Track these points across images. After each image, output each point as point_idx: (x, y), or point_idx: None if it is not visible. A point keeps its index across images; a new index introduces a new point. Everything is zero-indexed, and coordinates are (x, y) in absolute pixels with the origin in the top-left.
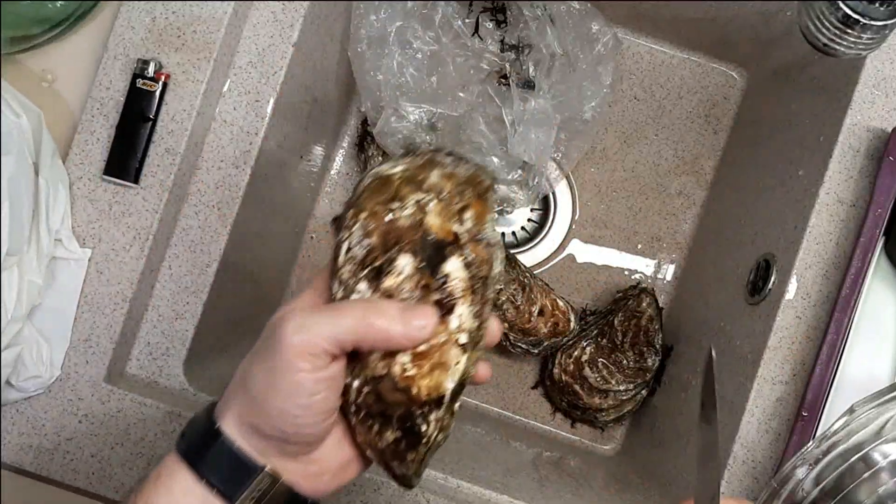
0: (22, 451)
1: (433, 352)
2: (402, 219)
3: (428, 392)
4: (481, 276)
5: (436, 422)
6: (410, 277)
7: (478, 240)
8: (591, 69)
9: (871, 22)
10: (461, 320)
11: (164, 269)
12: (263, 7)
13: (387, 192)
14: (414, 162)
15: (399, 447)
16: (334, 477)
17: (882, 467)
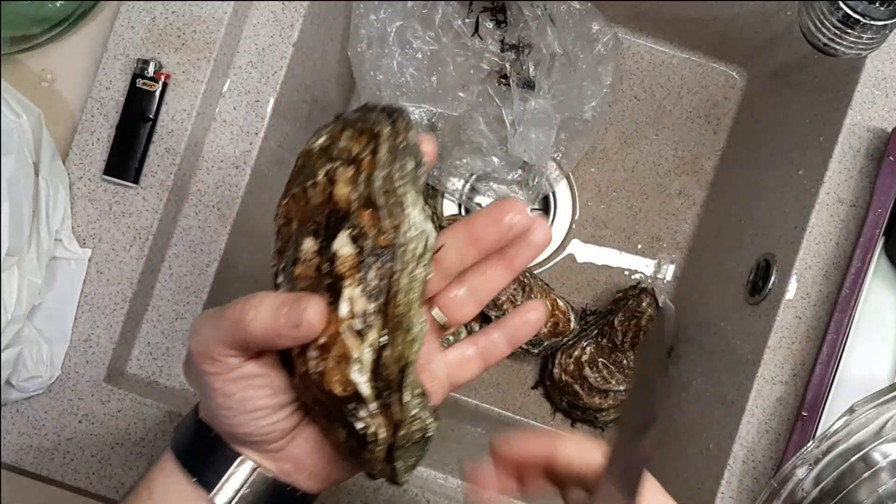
0: (22, 450)
1: (330, 344)
2: (314, 196)
3: (342, 388)
4: (379, 248)
5: (371, 417)
6: (310, 262)
7: (368, 204)
8: (592, 69)
9: (871, 22)
10: (351, 304)
11: (165, 269)
12: (263, 7)
13: (307, 170)
14: (334, 129)
15: (353, 446)
16: (312, 476)
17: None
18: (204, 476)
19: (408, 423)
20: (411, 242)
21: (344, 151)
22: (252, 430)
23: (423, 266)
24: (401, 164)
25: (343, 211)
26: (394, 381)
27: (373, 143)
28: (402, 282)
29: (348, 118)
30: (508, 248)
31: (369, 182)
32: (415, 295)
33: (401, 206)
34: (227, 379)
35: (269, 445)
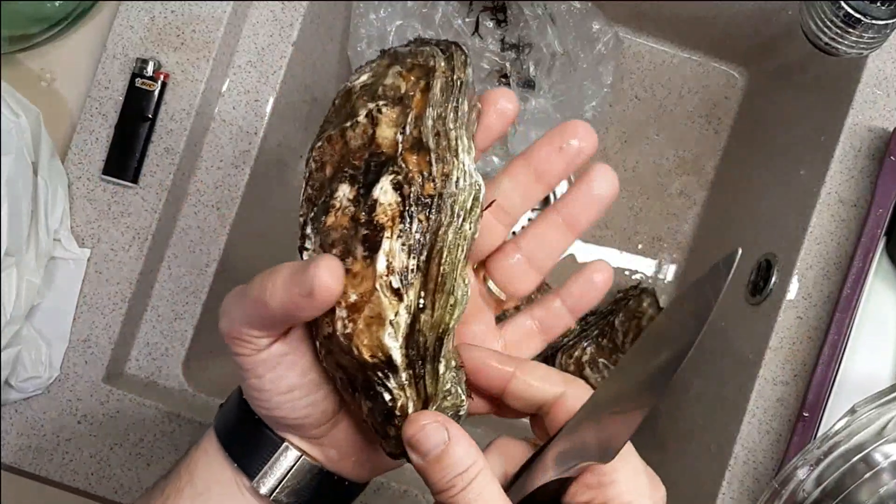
0: (21, 451)
1: (363, 303)
2: (354, 138)
3: (371, 353)
4: (425, 196)
5: (400, 388)
6: (345, 210)
7: (417, 146)
8: (592, 69)
9: (872, 21)
10: (389, 258)
11: (164, 269)
12: (263, 6)
13: (346, 110)
14: (381, 64)
15: (377, 419)
16: (359, 463)
17: (883, 468)
18: (247, 462)
19: (440, 398)
20: (461, 193)
21: (390, 89)
22: (287, 412)
23: (471, 222)
24: (455, 104)
25: (387, 155)
26: (429, 350)
27: (424, 80)
28: (449, 237)
29: (398, 52)
30: (568, 203)
31: (419, 122)
32: (461, 254)
33: (453, 151)
34: (255, 360)
35: (310, 431)
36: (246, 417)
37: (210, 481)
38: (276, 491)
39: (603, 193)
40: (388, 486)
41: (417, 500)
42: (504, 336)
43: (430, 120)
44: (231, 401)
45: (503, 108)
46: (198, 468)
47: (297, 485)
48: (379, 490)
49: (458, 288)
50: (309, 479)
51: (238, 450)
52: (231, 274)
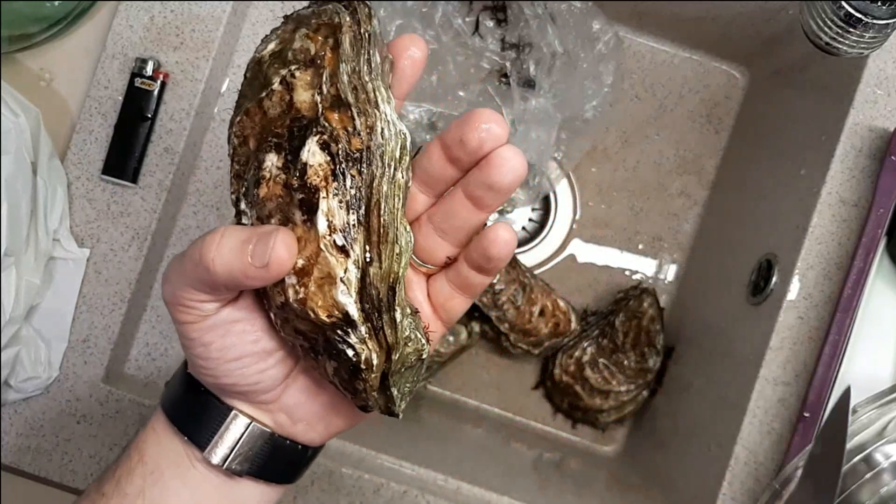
0: (20, 451)
1: (310, 267)
2: (272, 107)
3: (327, 313)
4: (354, 151)
5: (362, 342)
6: (276, 179)
7: (338, 103)
8: (593, 68)
9: (873, 21)
10: (329, 218)
11: (163, 269)
12: (262, 6)
13: (258, 81)
14: (286, 30)
15: (344, 377)
16: (311, 427)
17: (884, 468)
18: (196, 434)
19: (401, 345)
20: (388, 143)
21: (300, 52)
22: (236, 380)
23: (402, 171)
24: (367, 56)
25: (308, 118)
26: (383, 301)
27: (332, 38)
28: (383, 189)
29: (301, 14)
30: (470, 184)
31: (334, 79)
32: (398, 203)
33: (373, 102)
34: (202, 327)
35: (259, 396)
36: (191, 389)
37: (160, 458)
38: (229, 460)
39: (500, 181)
40: (388, 487)
41: (417, 500)
42: (431, 298)
43: (344, 75)
44: (176, 376)
45: (412, 54)
46: (147, 447)
47: (249, 452)
48: (378, 490)
49: (401, 236)
50: (261, 446)
51: (186, 423)
52: None
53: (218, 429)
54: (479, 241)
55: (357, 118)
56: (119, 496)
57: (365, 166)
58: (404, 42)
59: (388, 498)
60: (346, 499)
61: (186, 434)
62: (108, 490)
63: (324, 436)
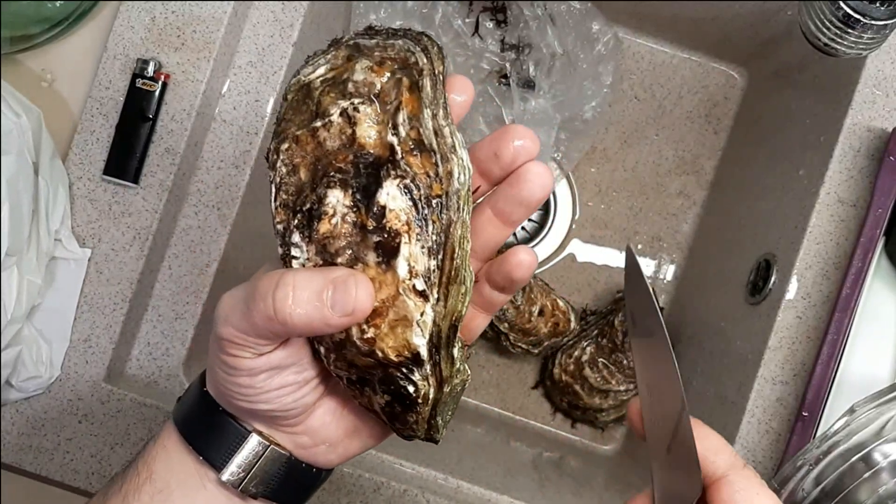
0: (22, 451)
1: (385, 309)
2: (329, 139)
3: (396, 353)
4: (434, 197)
5: (424, 379)
6: (345, 218)
7: (419, 148)
8: (592, 69)
9: (871, 21)
10: (410, 263)
11: (164, 269)
12: (263, 7)
13: (308, 107)
14: (337, 56)
15: (395, 410)
16: (331, 448)
17: (882, 467)
18: (212, 454)
19: (453, 377)
20: (463, 187)
21: (363, 86)
22: (275, 406)
23: (468, 210)
24: (444, 99)
25: (377, 157)
26: (445, 338)
27: (403, 76)
28: (458, 233)
29: (360, 44)
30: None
31: (415, 122)
32: (468, 245)
33: (451, 147)
34: (255, 364)
35: (288, 421)
36: (209, 409)
37: (169, 477)
38: (245, 482)
39: (530, 196)
40: (388, 486)
41: (417, 499)
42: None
43: (428, 121)
44: (191, 393)
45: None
46: (156, 464)
47: (266, 474)
48: (379, 489)
49: (468, 276)
50: (277, 468)
51: (202, 442)
52: (231, 274)
53: (235, 450)
54: (502, 264)
55: (440, 164)
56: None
57: (444, 211)
58: (455, 84)
59: (389, 497)
60: (346, 498)
61: (202, 453)
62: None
63: (343, 457)
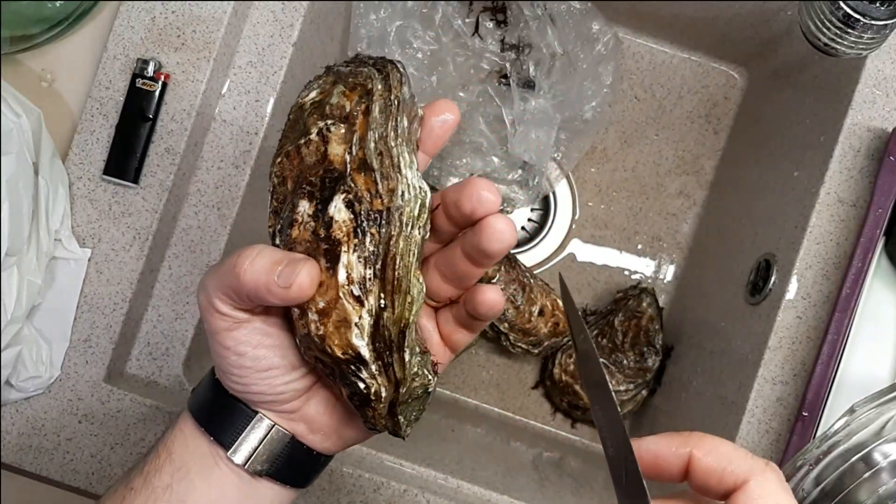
0: (21, 451)
1: (330, 309)
2: (308, 155)
3: (342, 350)
4: (374, 212)
5: (372, 378)
6: (307, 225)
7: (363, 167)
8: (592, 69)
9: (871, 21)
10: (348, 270)
11: (164, 269)
12: (263, 7)
13: (299, 126)
14: (326, 81)
15: (355, 402)
16: (327, 437)
17: (882, 467)
18: (222, 434)
19: (409, 380)
20: (407, 205)
21: (336, 108)
22: (265, 389)
23: (419, 227)
24: (394, 123)
25: (338, 171)
26: (394, 343)
27: (365, 101)
28: (399, 245)
29: (340, 72)
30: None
31: (363, 144)
32: (412, 258)
33: (396, 167)
34: (237, 337)
35: (282, 406)
36: (220, 395)
37: (186, 457)
38: (251, 460)
39: (488, 248)
40: (388, 486)
41: (417, 499)
42: (439, 328)
43: (371, 143)
44: (204, 383)
45: (445, 118)
46: (175, 446)
47: (269, 454)
48: (379, 489)
49: (413, 287)
50: (281, 448)
51: (214, 424)
52: None
53: (242, 431)
54: (469, 297)
55: (380, 182)
56: (147, 490)
57: (384, 225)
58: (440, 107)
59: (389, 497)
60: (346, 497)
61: (213, 434)
62: (136, 484)
63: (338, 445)
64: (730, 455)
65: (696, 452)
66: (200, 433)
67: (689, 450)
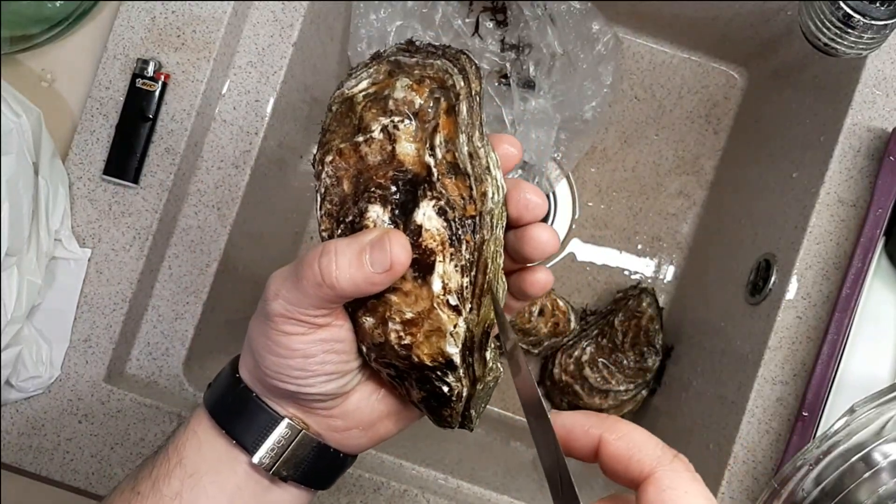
0: (22, 451)
1: (420, 320)
2: (371, 154)
3: (431, 359)
4: (467, 218)
5: (458, 381)
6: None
7: (454, 171)
8: (592, 69)
9: (871, 21)
10: (444, 280)
11: (164, 269)
12: (263, 7)
13: (351, 121)
14: (379, 71)
15: (431, 404)
16: (364, 432)
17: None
18: (245, 438)
19: (486, 376)
20: (497, 206)
21: (403, 104)
22: (320, 390)
23: (502, 227)
24: (480, 120)
25: (415, 174)
26: (477, 343)
27: (441, 96)
28: (490, 249)
29: (401, 61)
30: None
31: (451, 146)
32: (500, 259)
33: (485, 168)
34: (311, 340)
35: (326, 404)
36: (243, 394)
37: (199, 462)
38: (277, 465)
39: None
40: (388, 486)
41: (417, 499)
42: None
43: (464, 146)
44: (223, 380)
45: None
46: (186, 450)
47: (296, 458)
48: (379, 489)
49: (500, 288)
50: (307, 453)
51: (236, 427)
52: (231, 274)
53: (267, 434)
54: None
55: (474, 187)
56: (155, 496)
57: (478, 231)
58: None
59: (389, 496)
60: (346, 497)
61: (235, 437)
62: (143, 489)
63: (373, 440)
64: (639, 443)
65: (607, 435)
66: (218, 434)
67: (600, 432)
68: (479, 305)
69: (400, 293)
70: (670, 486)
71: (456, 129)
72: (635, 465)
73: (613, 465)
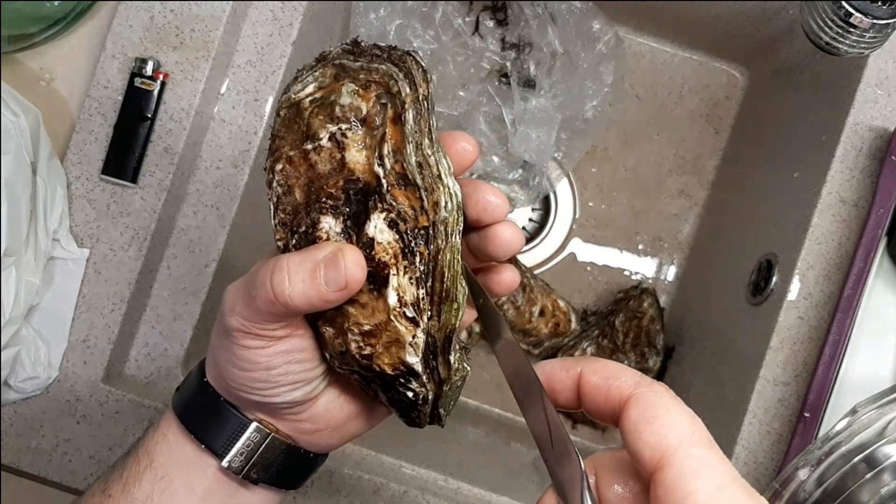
0: (20, 452)
1: (379, 332)
2: (321, 162)
3: (393, 368)
4: (420, 229)
5: (422, 386)
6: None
7: (403, 182)
8: (593, 68)
9: (873, 21)
10: (399, 293)
11: (163, 269)
12: (262, 6)
13: (299, 127)
14: (324, 74)
15: (399, 407)
16: (334, 432)
17: (885, 468)
18: (214, 443)
19: (452, 376)
20: (450, 214)
21: (350, 111)
22: (286, 399)
23: (458, 232)
24: (428, 128)
25: (366, 183)
26: (440, 346)
27: (387, 102)
28: (447, 257)
29: (346, 65)
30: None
31: (399, 156)
32: (458, 266)
33: (437, 177)
34: (272, 352)
35: (293, 410)
36: (210, 400)
37: (170, 465)
38: (247, 469)
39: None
40: (388, 487)
41: (417, 501)
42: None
43: (412, 156)
44: (191, 384)
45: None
46: (157, 452)
47: (266, 461)
48: (378, 491)
49: (459, 293)
50: (277, 455)
51: (204, 431)
52: (230, 274)
53: (237, 438)
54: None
55: (425, 198)
56: (126, 499)
57: (432, 241)
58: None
59: (388, 498)
60: (346, 499)
61: (205, 443)
62: (114, 492)
63: (343, 439)
64: (616, 372)
65: (584, 369)
66: (188, 438)
67: (578, 369)
68: (438, 312)
69: (357, 305)
70: (651, 403)
71: (403, 140)
72: (615, 391)
73: (594, 398)
